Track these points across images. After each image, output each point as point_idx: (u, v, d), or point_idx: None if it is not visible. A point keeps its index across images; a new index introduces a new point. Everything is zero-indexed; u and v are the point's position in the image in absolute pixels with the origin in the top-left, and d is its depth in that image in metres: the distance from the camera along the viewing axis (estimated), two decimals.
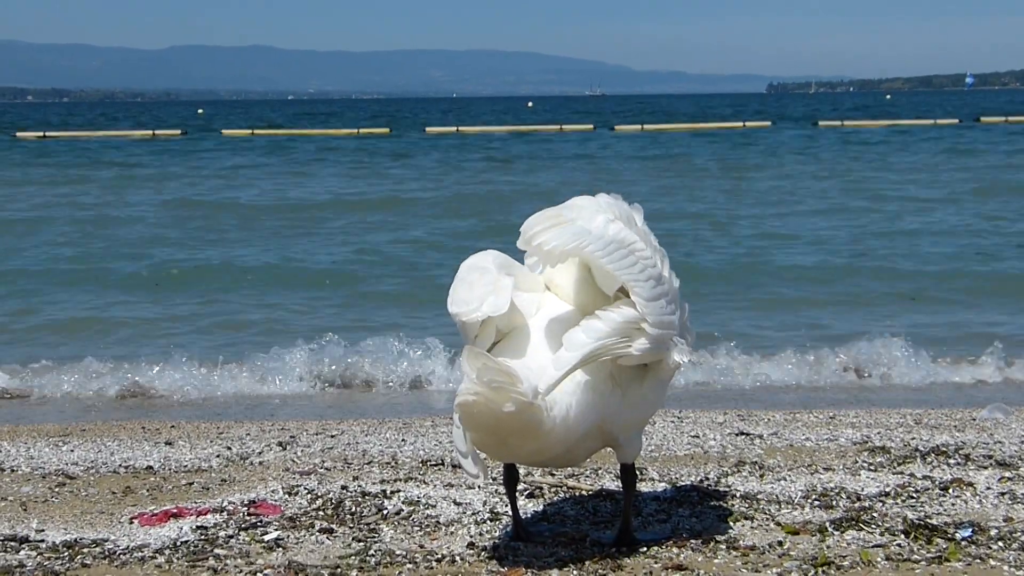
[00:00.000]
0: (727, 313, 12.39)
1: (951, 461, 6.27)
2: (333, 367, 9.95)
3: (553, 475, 6.01)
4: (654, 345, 4.48)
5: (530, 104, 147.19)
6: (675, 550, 4.78)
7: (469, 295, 4.47)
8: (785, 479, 5.93)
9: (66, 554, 4.91)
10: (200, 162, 39.88)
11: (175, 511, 5.47)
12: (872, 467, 6.18)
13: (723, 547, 4.82)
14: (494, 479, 5.89)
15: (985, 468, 6.09)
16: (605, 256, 4.40)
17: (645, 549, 4.79)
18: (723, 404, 8.45)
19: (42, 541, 5.09)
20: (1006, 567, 4.57)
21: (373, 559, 4.75)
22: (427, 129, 66.34)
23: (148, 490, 6.04)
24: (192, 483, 6.16)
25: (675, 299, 4.64)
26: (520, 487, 5.48)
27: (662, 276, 4.55)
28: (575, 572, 4.55)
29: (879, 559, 4.66)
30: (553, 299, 4.67)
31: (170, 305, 13.40)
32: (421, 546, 4.92)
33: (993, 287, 13.84)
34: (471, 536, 5.05)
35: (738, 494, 5.64)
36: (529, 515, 5.35)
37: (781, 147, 43.96)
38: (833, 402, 8.62)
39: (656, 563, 4.63)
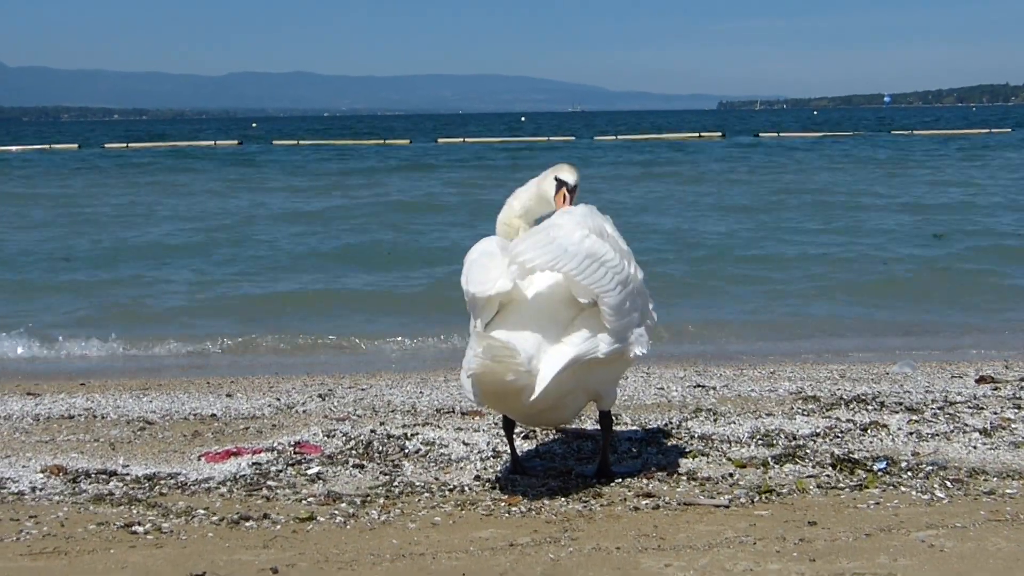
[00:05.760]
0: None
1: (869, 407, 6.25)
2: (362, 334, 9.96)
3: None
4: (615, 347, 4.50)
5: (523, 119, 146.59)
6: (645, 481, 4.77)
7: (484, 277, 4.50)
8: (734, 423, 5.91)
9: (147, 485, 4.90)
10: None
11: (235, 450, 5.45)
12: (805, 413, 6.16)
13: (684, 478, 4.81)
14: (496, 424, 5.87)
15: (897, 413, 6.08)
16: (579, 273, 4.40)
17: (620, 480, 4.78)
18: (683, 362, 8.42)
19: (127, 474, 5.08)
20: (914, 492, 4.58)
21: (397, 489, 4.73)
22: (439, 140, 65.94)
23: (213, 433, 6.02)
24: (248, 428, 6.13)
25: (639, 293, 4.65)
26: (517, 430, 5.46)
27: (628, 276, 4.56)
28: (563, 499, 4.54)
29: (811, 487, 4.65)
30: (544, 276, 4.64)
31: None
32: (436, 479, 4.91)
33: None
34: (477, 470, 5.04)
35: (696, 435, 5.63)
36: (524, 453, 5.33)
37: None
38: (773, 359, 8.59)
39: (629, 491, 4.62)
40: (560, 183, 4.97)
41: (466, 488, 4.75)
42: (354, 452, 5.38)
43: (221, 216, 21.09)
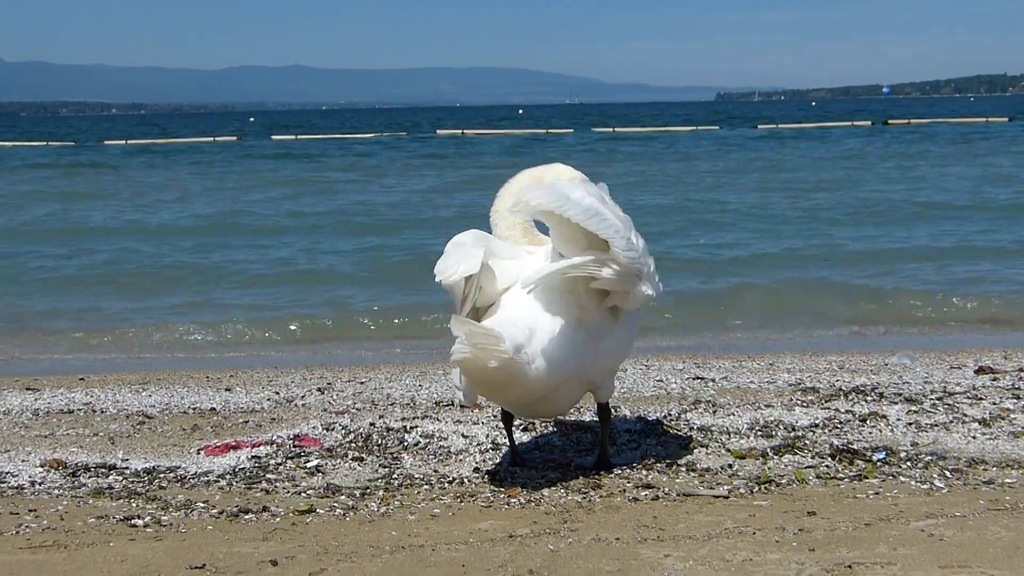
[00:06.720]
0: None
1: (868, 398, 6.25)
2: (361, 328, 9.95)
3: None
4: (623, 273, 4.45)
5: (521, 111, 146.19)
6: (644, 472, 4.77)
7: (445, 265, 4.50)
8: (733, 414, 5.91)
9: (146, 479, 4.90)
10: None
11: (234, 444, 5.45)
12: (804, 404, 6.16)
13: (683, 469, 4.81)
14: (495, 416, 5.87)
15: (896, 403, 6.08)
16: (586, 219, 4.36)
17: (619, 471, 4.78)
18: (682, 353, 8.41)
19: (127, 468, 5.08)
20: (913, 482, 4.58)
21: (396, 481, 4.74)
22: (438, 131, 65.76)
23: (212, 427, 6.02)
24: (248, 421, 6.13)
25: (644, 254, 4.62)
26: (516, 422, 5.46)
27: (630, 240, 4.52)
28: (562, 491, 4.54)
29: (811, 478, 4.66)
30: (532, 266, 4.63)
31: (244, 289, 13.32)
32: (435, 471, 4.91)
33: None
34: (476, 463, 5.04)
35: (695, 427, 5.63)
36: (523, 445, 5.33)
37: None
38: (772, 351, 8.59)
39: (628, 483, 4.62)
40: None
41: (465, 480, 4.75)
42: (353, 445, 5.38)
43: (220, 213, 21.05)
